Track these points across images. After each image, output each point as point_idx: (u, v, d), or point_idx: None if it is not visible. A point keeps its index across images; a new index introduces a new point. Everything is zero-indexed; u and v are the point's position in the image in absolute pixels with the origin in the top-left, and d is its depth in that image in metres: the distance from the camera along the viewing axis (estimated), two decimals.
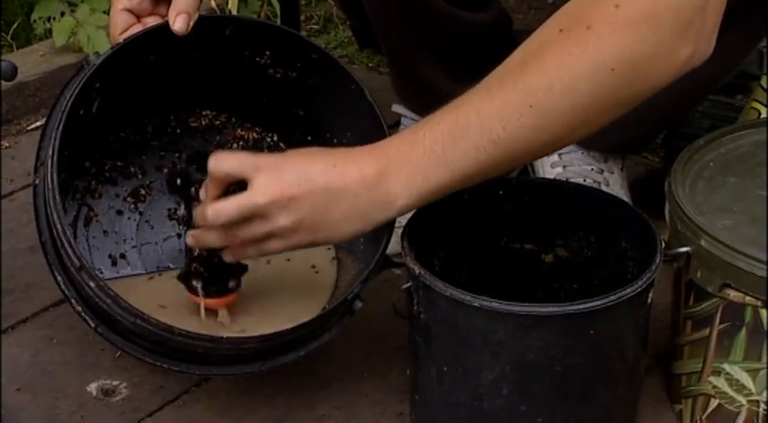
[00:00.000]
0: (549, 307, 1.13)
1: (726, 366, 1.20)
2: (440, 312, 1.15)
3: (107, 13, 1.87)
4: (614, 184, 1.55)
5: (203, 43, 1.27)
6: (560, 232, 1.30)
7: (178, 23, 1.22)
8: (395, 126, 1.59)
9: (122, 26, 1.24)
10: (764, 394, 1.19)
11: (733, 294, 1.17)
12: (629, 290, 1.13)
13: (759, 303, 1.16)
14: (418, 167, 1.11)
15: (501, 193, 1.29)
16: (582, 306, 1.12)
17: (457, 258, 1.28)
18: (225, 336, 1.18)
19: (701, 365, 1.23)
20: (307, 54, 1.29)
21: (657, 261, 1.16)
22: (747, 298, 1.17)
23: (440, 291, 1.13)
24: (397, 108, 1.63)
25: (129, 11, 1.24)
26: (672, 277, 1.26)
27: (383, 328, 1.40)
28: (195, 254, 1.22)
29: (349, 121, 1.29)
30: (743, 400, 1.20)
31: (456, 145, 1.10)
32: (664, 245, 1.20)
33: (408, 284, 1.18)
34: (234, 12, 1.98)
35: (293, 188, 1.11)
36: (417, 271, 1.15)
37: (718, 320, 1.19)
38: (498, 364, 1.14)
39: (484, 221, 1.29)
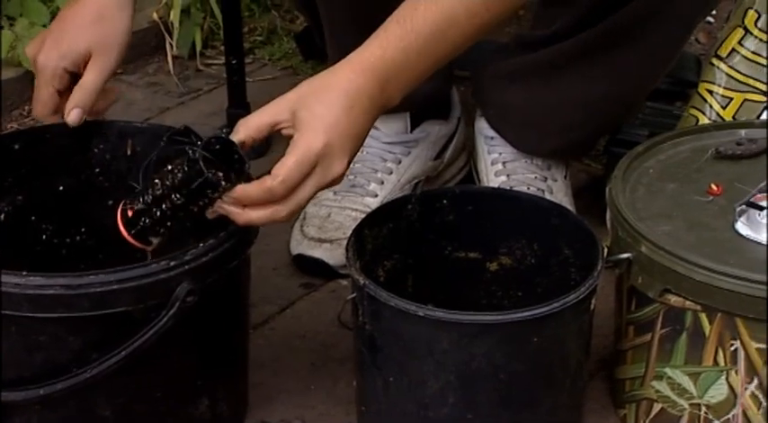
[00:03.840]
0: (493, 315, 1.14)
1: (667, 370, 1.22)
2: (385, 323, 1.15)
3: (46, 26, 1.87)
4: (558, 191, 1.56)
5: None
6: (504, 240, 1.30)
7: (72, 117, 1.26)
8: None
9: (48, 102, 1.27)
10: (705, 397, 1.21)
11: (673, 299, 1.19)
12: (572, 296, 1.14)
13: (699, 308, 1.17)
14: (413, 70, 1.16)
15: (445, 202, 1.29)
16: (525, 314, 1.13)
17: (402, 268, 1.28)
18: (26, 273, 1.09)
19: (643, 370, 1.24)
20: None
21: (599, 267, 1.18)
22: (687, 302, 1.18)
23: (384, 301, 1.13)
24: None
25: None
26: (614, 283, 1.27)
27: (328, 339, 1.40)
28: (162, 208, 1.13)
29: None
30: (685, 404, 1.22)
31: (446, 37, 1.16)
32: (606, 251, 1.21)
33: (353, 295, 1.18)
34: (176, 23, 1.97)
35: (335, 136, 1.11)
36: (362, 281, 1.15)
37: (659, 325, 1.21)
38: (443, 373, 1.14)
39: (428, 231, 1.30)
